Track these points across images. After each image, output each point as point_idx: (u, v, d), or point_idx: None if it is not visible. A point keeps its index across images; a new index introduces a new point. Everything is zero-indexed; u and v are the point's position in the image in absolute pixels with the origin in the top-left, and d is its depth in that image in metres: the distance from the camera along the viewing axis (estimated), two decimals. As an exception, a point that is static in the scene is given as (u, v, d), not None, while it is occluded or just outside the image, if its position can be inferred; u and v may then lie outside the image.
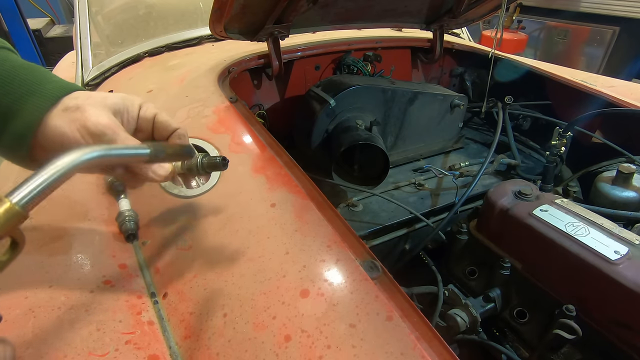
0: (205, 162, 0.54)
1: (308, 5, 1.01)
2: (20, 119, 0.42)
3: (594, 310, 0.65)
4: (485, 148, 1.36)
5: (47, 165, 0.36)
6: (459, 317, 0.70)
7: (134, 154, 0.45)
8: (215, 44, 1.39)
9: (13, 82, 0.42)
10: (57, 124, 0.43)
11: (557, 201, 0.75)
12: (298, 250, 0.53)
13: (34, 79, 0.44)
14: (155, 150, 0.46)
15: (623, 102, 1.06)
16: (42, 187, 0.35)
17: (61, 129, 0.43)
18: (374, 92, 1.12)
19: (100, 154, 0.40)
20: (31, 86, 0.43)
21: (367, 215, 1.00)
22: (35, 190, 0.34)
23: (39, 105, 0.43)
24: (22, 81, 0.43)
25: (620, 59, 3.48)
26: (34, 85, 0.43)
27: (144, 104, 0.51)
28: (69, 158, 0.38)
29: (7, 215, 0.32)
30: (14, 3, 3.51)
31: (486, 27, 3.97)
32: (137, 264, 0.60)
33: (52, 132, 0.43)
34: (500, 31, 1.29)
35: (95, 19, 1.40)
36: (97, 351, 0.46)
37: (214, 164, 0.54)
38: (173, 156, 0.51)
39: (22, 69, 0.44)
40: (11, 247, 0.35)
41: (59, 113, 0.43)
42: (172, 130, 0.52)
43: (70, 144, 0.43)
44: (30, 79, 0.44)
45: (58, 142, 0.43)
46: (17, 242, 0.35)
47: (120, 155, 0.43)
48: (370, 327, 0.43)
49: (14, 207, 0.32)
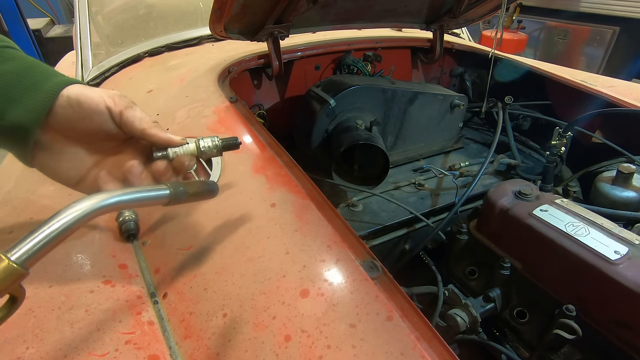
0: (222, 144, 0.54)
1: (308, 5, 1.01)
2: (41, 92, 0.44)
3: (594, 310, 0.65)
4: (485, 148, 1.36)
5: (53, 217, 0.34)
6: (459, 317, 0.70)
7: (152, 197, 0.42)
8: (215, 44, 1.39)
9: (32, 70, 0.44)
10: (76, 90, 0.45)
11: (557, 201, 0.75)
12: (298, 250, 0.53)
13: (48, 70, 0.46)
14: (175, 191, 0.44)
15: (623, 102, 1.06)
16: (45, 242, 0.33)
17: (84, 91, 0.45)
18: (374, 92, 1.12)
19: (116, 200, 0.37)
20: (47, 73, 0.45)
21: (367, 215, 1.00)
22: (36, 246, 0.32)
23: (59, 81, 0.45)
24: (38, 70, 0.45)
25: (620, 59, 3.48)
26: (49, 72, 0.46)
27: None
28: (77, 208, 0.35)
29: (5, 273, 0.30)
30: (14, 3, 3.50)
31: (486, 27, 3.97)
32: (137, 264, 0.60)
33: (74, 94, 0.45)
34: (500, 31, 1.29)
35: (95, 19, 1.40)
36: (97, 351, 0.46)
37: (229, 144, 0.54)
38: (195, 195, 0.48)
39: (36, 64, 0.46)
40: (9, 302, 0.33)
41: (77, 86, 0.45)
42: None
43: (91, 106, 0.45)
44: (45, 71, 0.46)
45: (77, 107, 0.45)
46: (16, 297, 0.33)
47: (137, 200, 0.40)
48: (370, 327, 0.43)
49: (12, 265, 0.31)
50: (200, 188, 0.49)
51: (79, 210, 0.35)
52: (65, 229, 0.34)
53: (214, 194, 0.53)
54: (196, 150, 0.52)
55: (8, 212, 0.68)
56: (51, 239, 0.33)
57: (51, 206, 0.70)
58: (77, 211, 0.35)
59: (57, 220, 0.34)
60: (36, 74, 0.44)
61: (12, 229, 0.63)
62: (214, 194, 0.53)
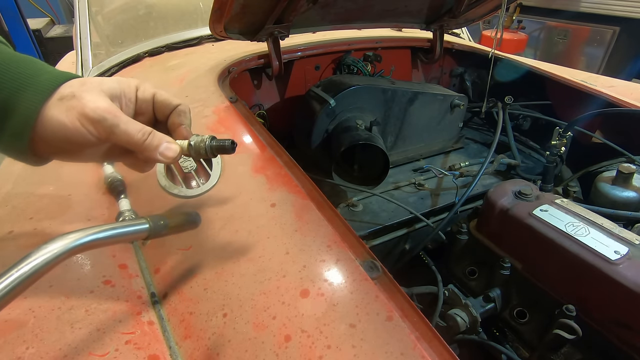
0: (214, 145, 0.50)
1: (308, 5, 1.01)
2: (17, 115, 0.41)
3: (594, 310, 0.65)
4: (485, 148, 1.36)
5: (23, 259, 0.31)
6: (459, 317, 0.70)
7: (131, 232, 0.40)
8: (215, 44, 1.39)
9: (5, 76, 0.41)
10: (54, 115, 0.41)
11: (557, 201, 0.75)
12: (298, 250, 0.53)
13: (27, 72, 0.42)
14: (155, 225, 0.42)
15: (623, 102, 1.06)
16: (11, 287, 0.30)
17: (59, 120, 0.41)
18: (374, 92, 1.12)
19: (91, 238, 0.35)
20: (24, 79, 0.42)
21: (367, 215, 1.00)
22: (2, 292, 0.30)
23: (33, 98, 0.41)
24: (15, 75, 0.41)
25: (620, 59, 3.48)
26: (27, 78, 0.42)
27: (141, 85, 0.49)
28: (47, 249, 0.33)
29: None
30: (14, 3, 3.50)
31: (486, 27, 3.97)
32: (137, 264, 0.60)
33: (50, 124, 0.41)
34: (500, 31, 1.29)
35: (95, 19, 1.40)
36: (97, 351, 0.46)
37: (222, 147, 0.50)
38: (177, 227, 0.47)
39: (14, 62, 0.42)
40: None
41: (55, 103, 0.41)
42: (174, 107, 0.50)
43: (72, 134, 0.42)
44: (23, 72, 0.42)
45: (58, 133, 0.42)
46: None
47: (114, 236, 0.38)
48: (370, 327, 0.43)
49: None
50: (182, 220, 0.48)
51: (49, 253, 0.33)
52: (34, 272, 0.32)
53: (196, 225, 0.52)
54: (187, 151, 0.50)
55: (8, 212, 0.68)
56: (18, 284, 0.31)
57: (51, 205, 0.70)
58: (46, 253, 0.33)
59: (26, 264, 0.32)
60: (8, 86, 0.41)
61: (12, 229, 0.64)
62: (196, 225, 0.52)
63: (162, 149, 0.47)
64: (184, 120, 0.51)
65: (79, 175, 0.77)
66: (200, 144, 0.49)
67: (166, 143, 0.47)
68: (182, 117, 0.50)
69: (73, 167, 0.78)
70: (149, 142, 0.46)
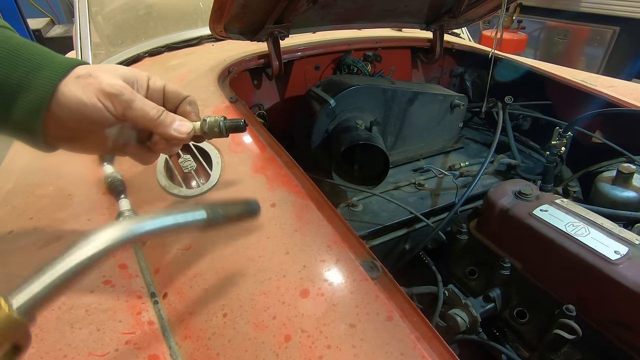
0: (228, 124, 0.53)
1: (308, 5, 1.01)
2: (33, 91, 0.42)
3: (594, 310, 0.65)
4: (485, 148, 1.36)
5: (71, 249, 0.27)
6: (459, 317, 0.70)
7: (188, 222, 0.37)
8: (215, 44, 1.39)
9: (21, 57, 0.42)
10: (71, 91, 0.42)
11: (557, 201, 0.75)
12: (298, 250, 0.53)
13: (42, 54, 0.44)
14: (213, 214, 0.39)
15: (623, 102, 1.06)
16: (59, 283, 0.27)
17: (77, 96, 0.43)
18: (374, 92, 1.11)
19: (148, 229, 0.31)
20: (41, 60, 0.43)
21: (367, 215, 0.99)
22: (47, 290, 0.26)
23: (51, 75, 0.42)
24: (31, 55, 0.43)
25: (620, 59, 3.48)
26: (43, 59, 0.43)
27: (152, 76, 0.51)
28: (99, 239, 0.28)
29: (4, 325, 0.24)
30: (14, 3, 3.51)
31: (486, 27, 3.97)
32: (137, 264, 0.60)
33: (67, 99, 0.42)
34: (500, 31, 1.29)
35: (95, 19, 1.40)
36: (97, 351, 0.46)
37: (236, 126, 0.53)
38: (235, 217, 0.44)
39: (29, 45, 0.44)
40: (12, 351, 0.27)
41: (72, 80, 0.43)
42: (183, 98, 0.53)
43: (88, 111, 0.43)
44: (39, 53, 0.44)
45: (75, 109, 0.43)
46: (20, 346, 0.27)
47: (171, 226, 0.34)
48: (370, 327, 0.43)
49: (12, 315, 0.25)
50: (240, 210, 0.45)
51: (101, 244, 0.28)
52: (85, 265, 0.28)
53: (255, 214, 0.48)
54: (200, 130, 0.53)
55: (8, 212, 0.68)
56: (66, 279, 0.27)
57: (51, 205, 0.70)
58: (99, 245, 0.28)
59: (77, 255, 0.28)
60: (24, 65, 0.42)
61: (12, 229, 0.64)
62: (255, 214, 0.48)
63: (176, 125, 0.50)
64: (194, 108, 0.54)
65: (79, 175, 0.77)
66: (214, 122, 0.52)
67: (179, 120, 0.50)
68: (192, 106, 0.54)
69: (73, 167, 0.78)
70: (164, 118, 0.48)
